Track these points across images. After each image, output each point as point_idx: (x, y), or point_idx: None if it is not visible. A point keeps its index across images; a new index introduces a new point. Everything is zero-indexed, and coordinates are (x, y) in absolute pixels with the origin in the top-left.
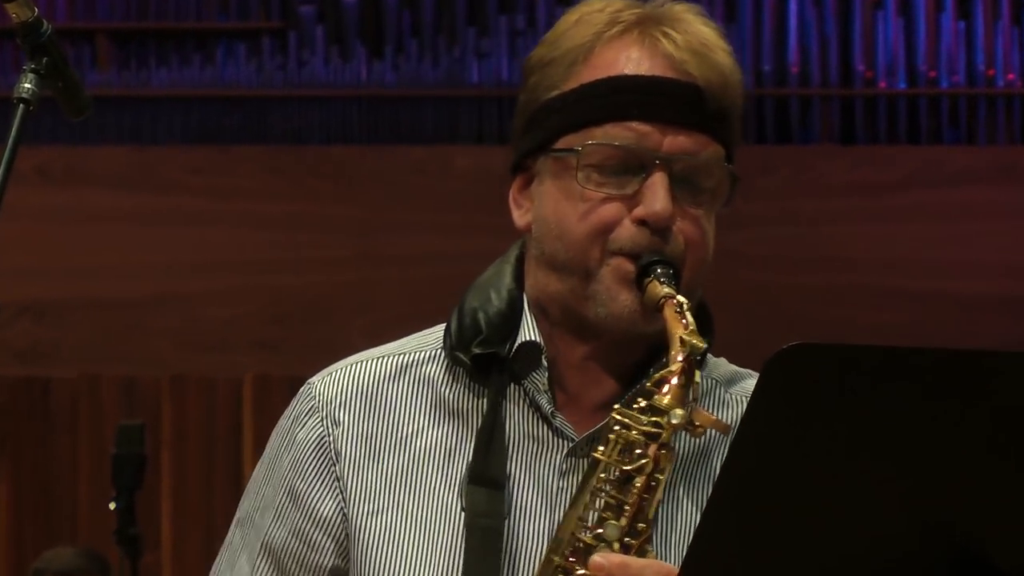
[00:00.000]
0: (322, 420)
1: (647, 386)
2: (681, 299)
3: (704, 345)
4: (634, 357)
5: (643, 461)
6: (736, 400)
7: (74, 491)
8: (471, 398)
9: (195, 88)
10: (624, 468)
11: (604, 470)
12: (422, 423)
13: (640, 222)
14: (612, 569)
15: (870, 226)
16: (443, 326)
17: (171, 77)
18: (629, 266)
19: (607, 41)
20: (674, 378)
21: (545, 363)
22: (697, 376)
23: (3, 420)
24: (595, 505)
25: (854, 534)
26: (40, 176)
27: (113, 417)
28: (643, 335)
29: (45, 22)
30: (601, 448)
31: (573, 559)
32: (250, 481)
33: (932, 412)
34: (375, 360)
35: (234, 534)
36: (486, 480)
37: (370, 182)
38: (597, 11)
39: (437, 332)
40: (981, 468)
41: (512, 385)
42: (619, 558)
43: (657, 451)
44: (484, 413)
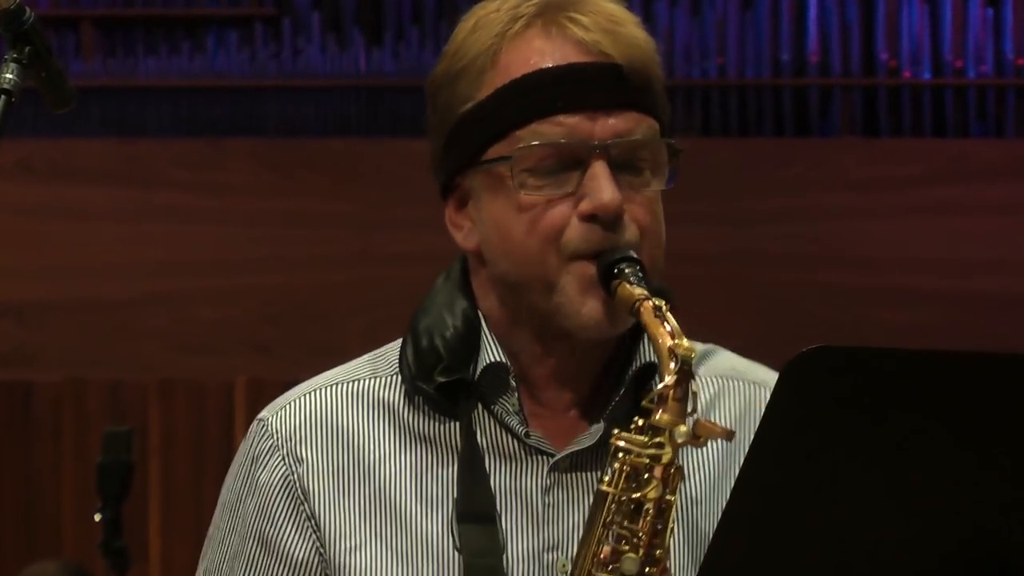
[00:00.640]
0: (283, 458)
1: (643, 404)
2: (657, 301)
3: (694, 351)
4: (604, 355)
5: (651, 486)
6: (704, 381)
7: (57, 501)
8: (437, 423)
9: (184, 78)
10: (633, 496)
11: (613, 500)
12: (388, 449)
13: (589, 217)
14: None
15: (893, 223)
16: (392, 348)
17: (159, 66)
18: (590, 269)
19: (512, 39)
20: (671, 393)
21: (513, 383)
22: (694, 385)
23: None
24: (608, 539)
25: (879, 545)
26: (22, 171)
27: (98, 423)
28: (605, 340)
29: (27, 9)
30: (606, 479)
31: None
32: (211, 527)
33: (960, 417)
34: (328, 388)
35: None
36: (476, 516)
37: (369, 177)
38: (494, 11)
39: (389, 355)
40: (1015, 474)
41: (480, 407)
42: None
43: (664, 472)
44: (456, 441)
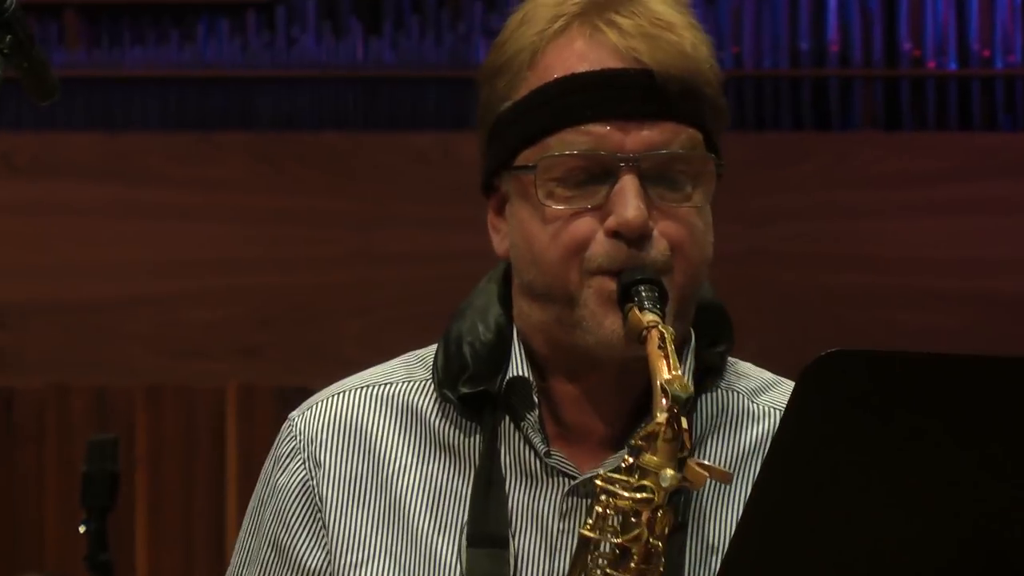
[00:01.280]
0: (304, 462)
1: (634, 442)
2: (663, 329)
3: (690, 390)
4: (636, 386)
5: (637, 531)
6: (764, 411)
7: (40, 513)
8: (463, 434)
9: (173, 68)
10: (617, 541)
11: (596, 546)
12: (410, 459)
13: (614, 234)
14: None
15: (917, 220)
16: (432, 350)
17: (147, 56)
18: (611, 285)
19: (550, 39)
20: (661, 432)
21: (535, 399)
22: (686, 424)
23: None
24: None
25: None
26: (3, 166)
27: (83, 431)
28: (642, 361)
29: None
30: (589, 522)
31: None
32: (240, 530)
33: (985, 424)
34: (357, 391)
35: None
36: (488, 540)
37: (367, 172)
38: (542, 5)
39: (427, 358)
40: None
41: (506, 420)
42: None
43: (651, 517)
44: (478, 454)
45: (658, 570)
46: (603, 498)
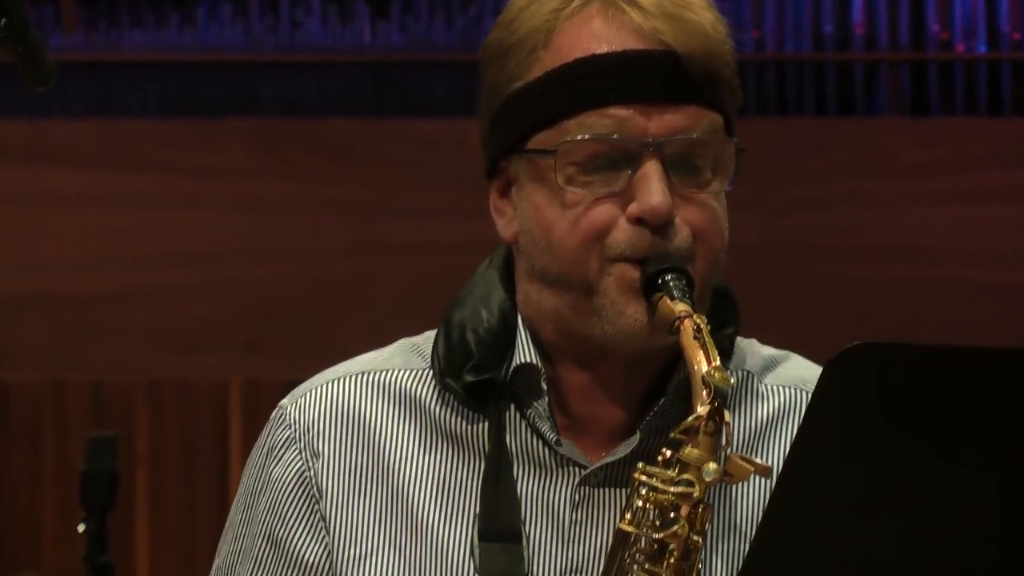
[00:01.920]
0: (300, 452)
1: (673, 435)
2: (698, 319)
3: (731, 383)
4: (648, 375)
5: (677, 526)
6: (771, 391)
7: (37, 512)
8: (468, 423)
9: (173, 53)
10: (656, 537)
11: (635, 540)
12: (412, 448)
13: (637, 220)
14: None
15: (945, 209)
16: (429, 338)
17: (146, 40)
18: (634, 273)
19: (567, 18)
20: (702, 425)
21: (544, 387)
22: (727, 416)
23: None
24: None
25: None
26: None
27: (81, 428)
28: (657, 350)
29: None
30: (628, 516)
31: None
32: (227, 522)
33: (1016, 417)
34: (354, 377)
35: None
36: (500, 534)
37: (373, 160)
38: None
39: (424, 348)
40: None
41: (512, 409)
42: None
43: (691, 511)
44: (484, 444)
45: (696, 567)
46: (643, 491)
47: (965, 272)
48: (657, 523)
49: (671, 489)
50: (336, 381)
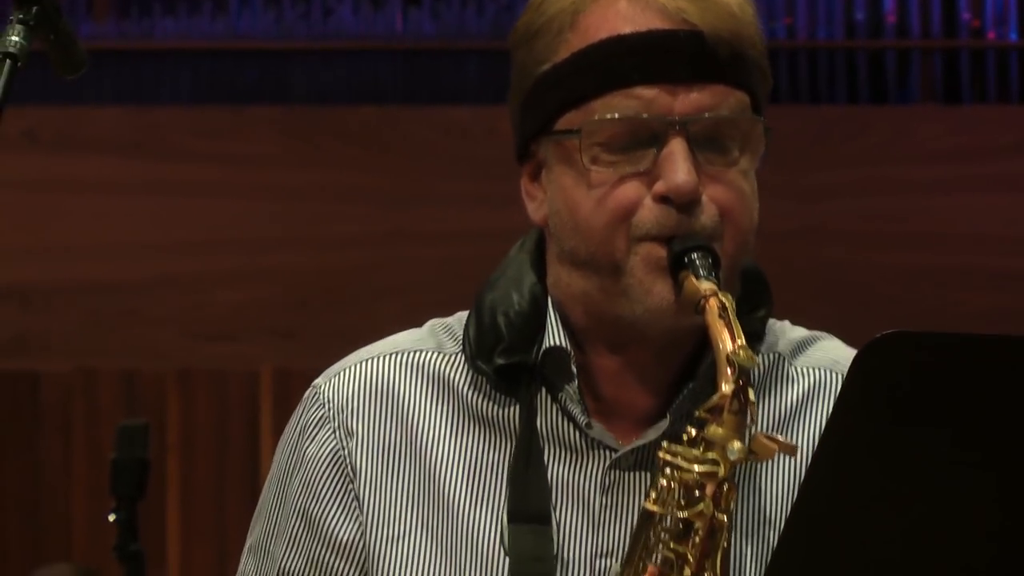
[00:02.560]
0: (334, 431)
1: (698, 414)
2: (723, 297)
3: (756, 361)
4: (679, 358)
5: (702, 505)
6: (801, 373)
7: (67, 501)
8: (498, 407)
9: (205, 41)
10: (681, 515)
11: (660, 520)
12: (444, 430)
13: (663, 199)
14: None
15: (977, 197)
16: (462, 318)
17: (177, 28)
18: (661, 251)
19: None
20: (727, 404)
21: (574, 370)
22: (752, 395)
23: None
24: (654, 560)
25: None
26: (28, 141)
27: (111, 417)
28: (687, 331)
29: None
30: (652, 495)
31: None
32: (260, 501)
33: None
34: (387, 357)
35: (246, 564)
36: (530, 516)
37: (405, 148)
38: None
39: (455, 330)
40: None
41: (543, 392)
42: None
43: (716, 490)
44: (515, 427)
45: (721, 545)
46: (667, 471)
47: (998, 260)
48: (682, 502)
49: (696, 468)
50: (371, 360)
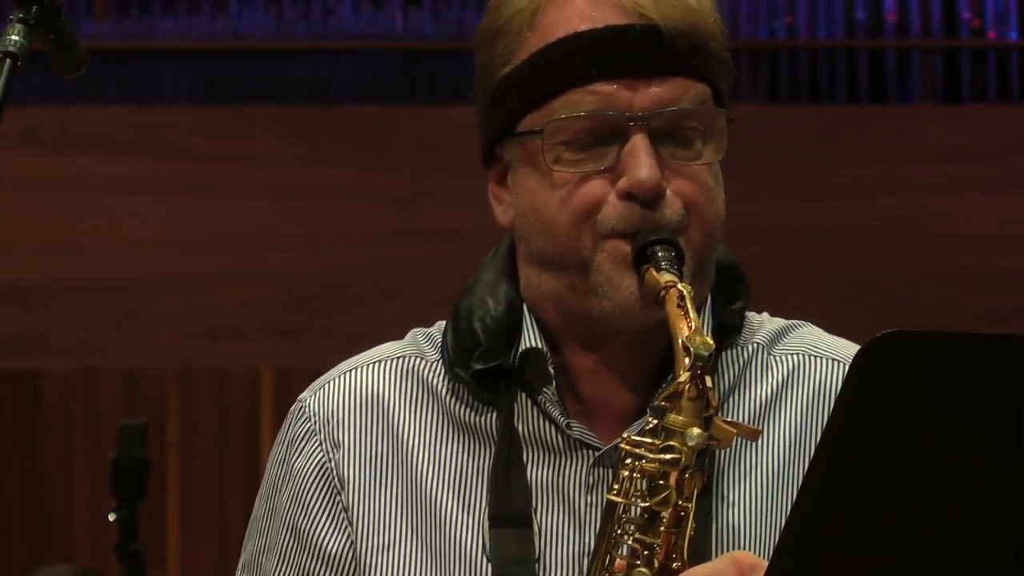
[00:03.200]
0: (321, 444)
1: (657, 403)
2: (682, 287)
3: (711, 346)
4: (654, 353)
5: (665, 493)
6: (780, 360)
7: (67, 501)
8: (478, 414)
9: (205, 40)
10: (644, 505)
11: (624, 511)
12: (429, 436)
13: (626, 195)
14: None
15: (978, 197)
16: (438, 329)
17: (178, 27)
18: (626, 247)
19: None
20: (685, 390)
21: (551, 371)
22: (709, 381)
23: None
24: (621, 552)
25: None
26: (29, 140)
27: (112, 416)
28: (656, 324)
29: None
30: (615, 487)
31: None
32: (252, 517)
33: None
34: (370, 366)
35: None
36: (510, 520)
37: (406, 147)
38: None
39: (435, 337)
40: None
41: (522, 396)
42: None
43: (679, 478)
44: (494, 432)
45: (688, 533)
46: (628, 462)
47: (999, 258)
48: (646, 492)
49: (658, 457)
50: (355, 371)
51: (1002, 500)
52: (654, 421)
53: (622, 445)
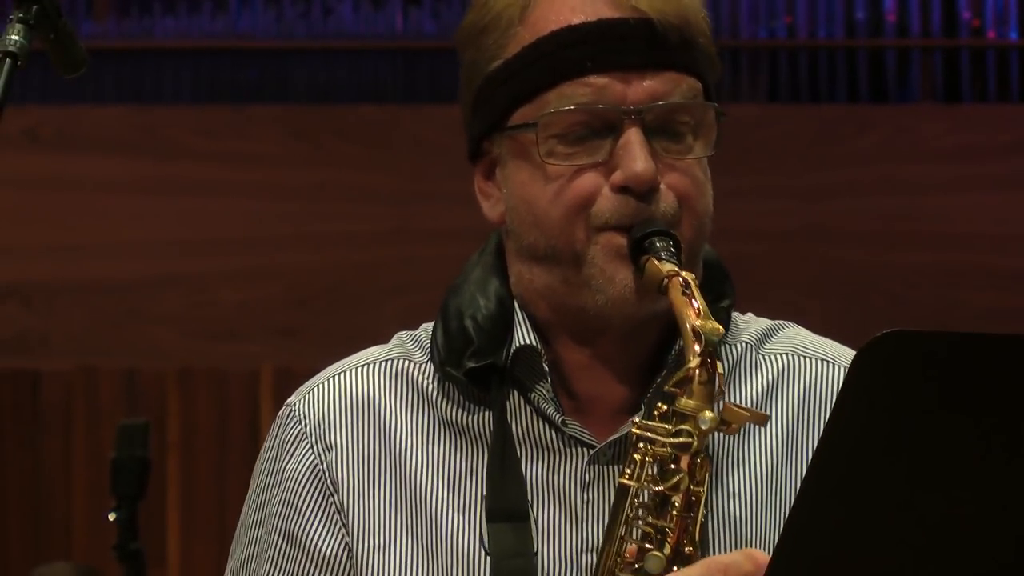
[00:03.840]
0: (312, 446)
1: (667, 388)
2: (686, 275)
3: (721, 331)
4: (646, 347)
5: (677, 478)
6: (768, 360)
7: (67, 500)
8: (470, 414)
9: (205, 40)
10: (657, 489)
11: (636, 495)
12: (420, 438)
13: (621, 189)
14: None
15: (978, 196)
16: (426, 330)
17: (178, 27)
18: (620, 239)
19: None
20: (695, 375)
21: (546, 368)
22: (720, 367)
23: None
24: (632, 536)
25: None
26: (29, 140)
27: (112, 415)
28: (650, 317)
29: None
30: (627, 471)
31: None
32: (240, 522)
33: None
34: (359, 368)
35: None
36: (507, 515)
37: (406, 147)
38: None
39: (422, 339)
40: None
41: (515, 394)
42: None
43: (691, 462)
44: (488, 432)
45: (699, 518)
46: (641, 446)
47: (999, 258)
48: (658, 476)
49: (669, 440)
50: (343, 373)
51: (1002, 500)
52: (664, 407)
53: (634, 430)
